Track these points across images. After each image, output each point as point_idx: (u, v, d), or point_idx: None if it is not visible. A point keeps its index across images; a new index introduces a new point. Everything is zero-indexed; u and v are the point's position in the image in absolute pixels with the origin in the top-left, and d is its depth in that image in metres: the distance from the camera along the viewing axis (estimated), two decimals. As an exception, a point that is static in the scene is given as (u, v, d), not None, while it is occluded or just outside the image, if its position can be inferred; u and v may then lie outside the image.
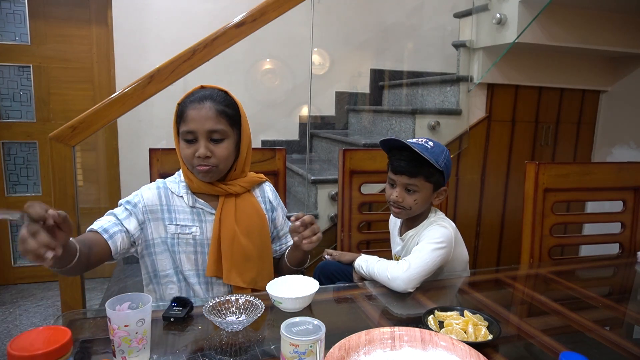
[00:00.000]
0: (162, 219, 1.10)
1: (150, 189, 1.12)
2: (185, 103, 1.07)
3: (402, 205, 1.18)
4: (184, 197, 1.12)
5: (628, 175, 1.59)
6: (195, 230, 1.10)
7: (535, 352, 0.85)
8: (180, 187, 1.13)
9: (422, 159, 1.12)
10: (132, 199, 1.10)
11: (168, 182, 1.15)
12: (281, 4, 1.60)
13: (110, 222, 1.04)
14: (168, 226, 1.10)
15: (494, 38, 2.15)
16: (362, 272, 1.19)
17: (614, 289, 1.27)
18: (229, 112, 1.08)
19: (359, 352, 0.75)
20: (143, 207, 1.08)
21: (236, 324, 0.85)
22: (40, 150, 2.77)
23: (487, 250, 2.51)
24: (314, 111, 3.03)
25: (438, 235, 1.15)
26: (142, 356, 0.74)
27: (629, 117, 2.51)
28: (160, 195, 1.11)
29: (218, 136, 1.06)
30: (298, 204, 2.32)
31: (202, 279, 1.12)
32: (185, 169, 1.12)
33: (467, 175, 2.36)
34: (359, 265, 1.20)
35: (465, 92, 2.29)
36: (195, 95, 1.07)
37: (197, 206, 1.12)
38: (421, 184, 1.16)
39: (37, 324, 2.34)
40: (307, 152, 2.88)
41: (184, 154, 1.08)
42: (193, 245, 1.11)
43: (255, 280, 1.13)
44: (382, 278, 1.11)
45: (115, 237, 1.02)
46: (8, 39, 2.63)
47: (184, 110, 1.06)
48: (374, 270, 1.14)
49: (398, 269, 1.08)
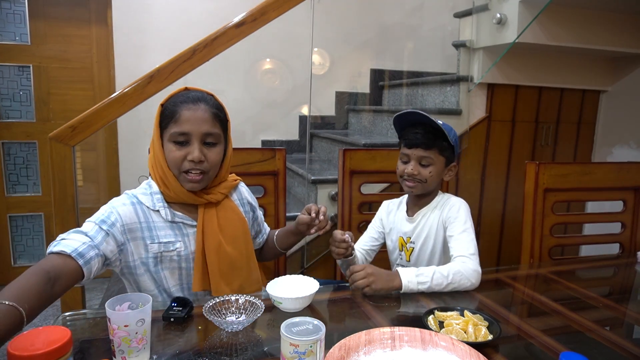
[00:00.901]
0: (142, 237, 0.99)
1: (125, 205, 0.99)
2: (176, 103, 0.99)
3: (418, 179, 1.21)
4: (161, 211, 1.02)
5: (628, 175, 1.59)
6: (179, 245, 1.02)
7: (535, 352, 0.85)
8: (154, 201, 1.02)
9: (436, 132, 1.17)
10: (107, 217, 0.95)
11: (139, 196, 1.02)
12: (281, 4, 1.60)
13: (86, 245, 0.88)
14: (150, 245, 0.99)
15: (494, 38, 2.15)
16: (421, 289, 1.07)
17: (614, 289, 1.27)
18: (221, 117, 1.04)
19: (359, 352, 0.75)
20: (121, 227, 0.96)
21: (236, 324, 0.85)
22: (40, 150, 2.77)
23: (487, 250, 2.50)
24: (314, 111, 3.03)
25: (463, 213, 1.20)
26: (142, 356, 0.74)
27: (629, 117, 2.51)
28: (137, 212, 1.00)
29: (212, 140, 1.01)
30: (298, 204, 2.32)
31: (187, 293, 1.06)
32: (167, 176, 1.01)
33: (467, 175, 2.36)
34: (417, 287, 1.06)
35: (466, 92, 2.29)
36: (187, 96, 1.01)
37: (177, 220, 1.03)
38: (435, 156, 1.20)
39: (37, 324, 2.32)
40: (307, 152, 2.88)
41: (172, 157, 0.99)
42: (177, 262, 1.03)
43: (242, 287, 1.08)
44: (458, 287, 1.08)
45: (92, 262, 0.87)
46: (8, 39, 2.63)
47: (176, 111, 0.98)
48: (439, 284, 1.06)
49: (470, 271, 1.08)
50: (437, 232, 1.24)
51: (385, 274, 1.06)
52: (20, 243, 2.85)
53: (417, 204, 1.29)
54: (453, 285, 1.06)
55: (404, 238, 1.30)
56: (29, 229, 2.85)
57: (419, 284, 1.05)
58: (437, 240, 1.24)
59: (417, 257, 1.27)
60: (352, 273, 1.06)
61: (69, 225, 1.45)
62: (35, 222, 2.84)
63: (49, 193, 2.76)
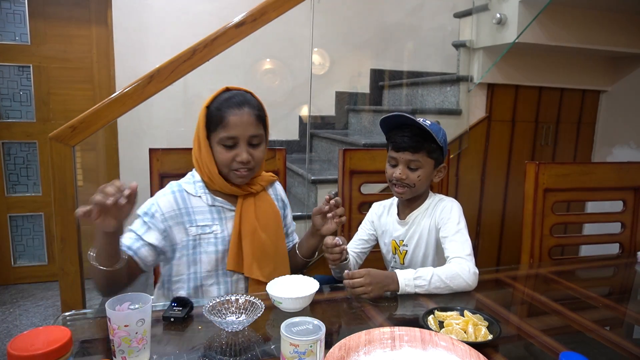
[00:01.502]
0: (182, 222, 1.10)
1: (165, 195, 1.11)
2: (222, 108, 1.07)
3: (407, 183, 1.19)
4: (202, 196, 1.13)
5: (628, 175, 1.58)
6: (216, 228, 1.12)
7: (535, 352, 0.85)
8: (197, 188, 1.13)
9: (423, 135, 1.15)
10: (148, 209, 1.09)
11: (183, 184, 1.14)
12: (281, 4, 1.60)
13: (132, 239, 1.05)
14: (189, 228, 1.10)
15: (494, 38, 2.15)
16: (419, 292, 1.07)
17: (614, 289, 1.27)
18: (262, 116, 1.12)
19: (359, 352, 0.75)
20: (161, 216, 1.08)
21: (236, 324, 0.85)
22: (40, 150, 2.77)
23: (487, 250, 2.50)
24: (314, 111, 3.03)
25: (456, 214, 1.18)
26: (142, 356, 0.74)
27: (629, 117, 2.51)
28: (177, 199, 1.11)
29: (257, 141, 1.10)
30: (298, 204, 2.32)
31: (220, 279, 1.14)
32: (212, 173, 1.11)
33: (467, 175, 2.36)
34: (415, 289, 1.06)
35: (465, 92, 2.29)
36: (231, 100, 1.08)
37: (217, 204, 1.13)
38: (424, 159, 1.18)
39: (37, 324, 2.34)
40: (307, 152, 2.88)
41: (222, 159, 1.09)
42: (214, 244, 1.12)
43: (272, 274, 1.12)
44: (456, 289, 1.07)
45: (140, 252, 1.04)
46: (8, 39, 2.63)
47: (224, 116, 1.06)
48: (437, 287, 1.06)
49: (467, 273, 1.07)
50: (429, 235, 1.23)
51: (383, 278, 1.05)
52: (21, 243, 2.85)
53: (408, 206, 1.28)
54: (451, 287, 1.06)
55: (396, 241, 1.29)
56: (29, 229, 2.85)
57: (416, 287, 1.05)
58: (430, 242, 1.23)
59: (410, 260, 1.27)
60: (351, 278, 1.03)
61: (69, 225, 1.45)
62: (35, 222, 2.84)
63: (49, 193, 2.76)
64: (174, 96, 2.57)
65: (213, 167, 1.10)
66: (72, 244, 1.46)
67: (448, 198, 1.25)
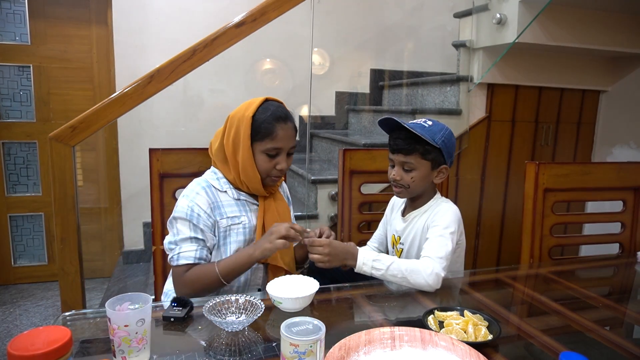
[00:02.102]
0: (216, 215, 1.17)
1: (199, 194, 1.15)
2: (270, 121, 1.14)
3: (401, 184, 1.21)
4: (228, 191, 1.20)
5: (628, 175, 1.58)
6: (244, 219, 1.19)
7: (535, 352, 0.85)
8: (221, 183, 1.20)
9: (418, 137, 1.15)
10: (191, 213, 1.13)
11: (209, 180, 1.20)
12: (281, 4, 1.60)
13: (198, 250, 1.14)
14: (220, 221, 1.16)
15: (494, 38, 2.15)
16: (375, 274, 1.11)
17: (614, 289, 1.27)
18: (296, 128, 1.22)
19: (359, 352, 0.75)
20: (205, 214, 1.14)
21: (236, 324, 0.85)
22: (40, 150, 2.77)
23: (487, 250, 2.50)
24: (314, 111, 3.03)
25: (447, 219, 1.18)
26: (142, 356, 0.74)
27: (629, 117, 2.51)
28: (209, 195, 1.17)
29: (293, 150, 1.21)
30: (298, 204, 2.32)
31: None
32: (248, 177, 1.17)
33: (467, 175, 2.36)
34: (371, 270, 1.10)
35: (465, 92, 2.29)
36: (277, 113, 1.16)
37: (242, 198, 1.21)
38: (417, 161, 1.18)
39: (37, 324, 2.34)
40: (307, 152, 2.88)
41: (265, 167, 1.16)
42: (243, 234, 1.19)
43: (290, 264, 1.22)
44: (413, 285, 1.08)
45: (208, 257, 1.16)
46: (8, 39, 2.63)
47: (272, 130, 1.13)
48: (394, 276, 1.08)
49: (429, 271, 1.06)
50: (422, 236, 1.24)
51: (343, 252, 1.11)
52: (21, 243, 2.85)
53: (411, 205, 1.30)
54: (408, 281, 1.07)
55: (395, 236, 1.32)
56: (29, 229, 2.85)
57: (372, 269, 1.09)
58: (422, 244, 1.23)
59: (406, 258, 1.28)
60: (312, 245, 1.10)
61: (69, 225, 1.45)
62: (35, 222, 2.84)
63: (49, 193, 2.77)
64: (174, 96, 2.57)
65: (254, 172, 1.16)
66: (72, 244, 1.46)
67: (448, 203, 1.24)
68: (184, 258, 1.11)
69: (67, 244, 1.46)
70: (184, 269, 1.11)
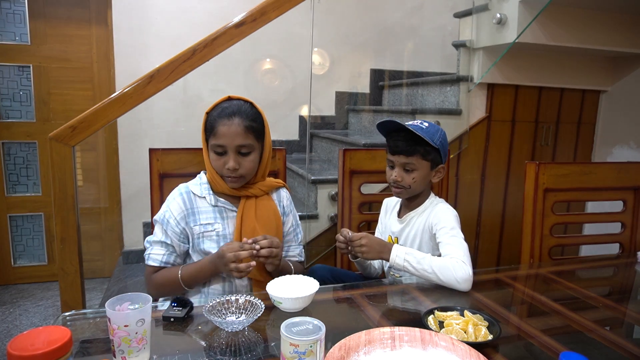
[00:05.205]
0: (188, 222, 1.18)
1: (174, 199, 1.18)
2: (214, 117, 1.14)
3: (402, 185, 1.23)
4: (207, 197, 1.19)
5: (628, 175, 1.58)
6: (218, 226, 1.18)
7: (535, 352, 0.85)
8: (202, 189, 1.20)
9: (417, 138, 1.17)
10: (163, 217, 1.17)
11: (191, 186, 1.21)
12: (281, 4, 1.60)
13: (166, 254, 1.17)
14: (193, 227, 1.17)
15: (494, 38, 2.15)
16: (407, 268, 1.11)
17: (614, 289, 1.27)
18: (255, 127, 1.16)
19: (359, 352, 0.75)
20: (174, 220, 1.16)
21: (236, 324, 0.85)
22: (40, 150, 2.77)
23: (487, 250, 2.50)
24: (314, 111, 3.03)
25: (450, 219, 1.19)
26: (142, 356, 0.74)
27: (629, 117, 2.51)
28: (184, 201, 1.18)
29: (245, 150, 1.15)
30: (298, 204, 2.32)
31: (225, 276, 1.18)
32: (213, 175, 1.19)
33: (467, 175, 2.36)
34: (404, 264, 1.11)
35: (465, 92, 2.29)
36: (224, 110, 1.14)
37: (219, 205, 1.20)
38: (418, 162, 1.20)
39: (37, 324, 2.34)
40: (307, 152, 2.88)
41: (214, 165, 1.17)
42: (216, 242, 1.17)
43: (272, 275, 1.17)
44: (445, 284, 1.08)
45: (176, 261, 1.19)
46: (8, 39, 2.63)
47: (214, 125, 1.13)
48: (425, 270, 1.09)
49: (462, 272, 1.06)
50: (422, 237, 1.25)
51: (380, 245, 1.14)
52: (20, 243, 2.85)
53: (407, 206, 1.32)
54: (439, 278, 1.07)
55: (392, 237, 1.33)
56: (29, 229, 2.85)
57: (405, 262, 1.11)
58: (422, 244, 1.26)
59: None
60: (352, 240, 1.14)
61: (69, 225, 1.45)
62: (35, 222, 2.84)
63: (49, 193, 2.77)
64: (174, 96, 2.57)
65: (213, 170, 1.19)
66: (72, 244, 1.46)
67: (444, 204, 1.26)
68: (152, 260, 1.16)
69: (67, 244, 1.46)
70: (151, 270, 1.17)
